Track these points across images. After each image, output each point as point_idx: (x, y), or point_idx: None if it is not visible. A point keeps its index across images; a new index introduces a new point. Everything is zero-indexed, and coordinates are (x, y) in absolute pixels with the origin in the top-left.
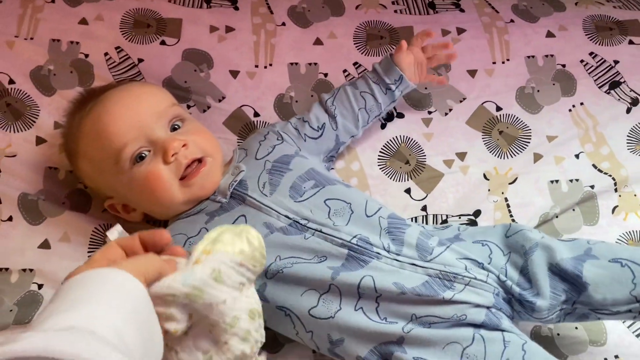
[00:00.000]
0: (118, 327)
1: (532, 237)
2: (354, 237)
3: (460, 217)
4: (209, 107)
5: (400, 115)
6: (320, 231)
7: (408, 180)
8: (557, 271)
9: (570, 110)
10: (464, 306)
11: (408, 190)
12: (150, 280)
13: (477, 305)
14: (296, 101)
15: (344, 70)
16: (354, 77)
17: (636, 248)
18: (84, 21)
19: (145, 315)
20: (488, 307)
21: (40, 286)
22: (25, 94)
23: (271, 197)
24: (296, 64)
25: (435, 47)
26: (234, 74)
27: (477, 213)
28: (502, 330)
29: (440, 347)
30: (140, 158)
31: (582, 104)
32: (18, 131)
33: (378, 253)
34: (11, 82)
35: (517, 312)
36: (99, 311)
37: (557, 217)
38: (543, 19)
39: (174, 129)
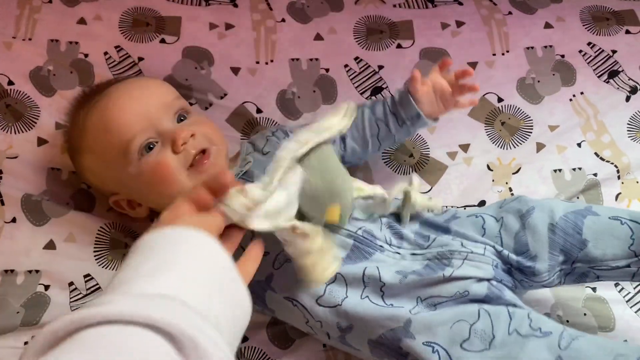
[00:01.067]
0: (205, 298)
1: (528, 200)
2: (360, 228)
3: (465, 209)
4: (211, 105)
5: None
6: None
7: (412, 173)
8: (557, 230)
9: (570, 99)
10: (465, 282)
11: None
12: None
13: (479, 280)
14: (298, 97)
15: (345, 65)
16: (355, 72)
17: (636, 210)
18: (82, 21)
19: (228, 282)
20: (489, 280)
21: (47, 287)
22: (25, 94)
23: None
24: (297, 59)
25: (456, 74)
26: (235, 70)
27: (482, 204)
28: (506, 305)
29: (448, 327)
30: (148, 149)
31: (582, 93)
32: (19, 132)
33: (381, 246)
34: (10, 83)
35: (519, 281)
36: (185, 279)
37: None
38: (540, 10)
39: (179, 120)
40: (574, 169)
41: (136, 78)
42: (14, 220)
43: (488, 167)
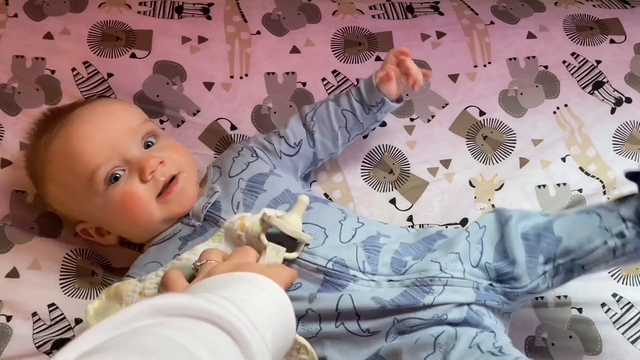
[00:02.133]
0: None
1: (509, 210)
2: (330, 260)
3: (447, 227)
4: (183, 122)
5: (383, 124)
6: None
7: (393, 190)
8: (530, 235)
9: (554, 112)
10: (445, 307)
11: (393, 201)
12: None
13: (459, 305)
14: (274, 112)
15: (323, 79)
16: (333, 85)
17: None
18: (49, 36)
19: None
20: (469, 304)
21: (9, 318)
22: None
23: None
24: (273, 73)
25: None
26: (209, 85)
27: (464, 222)
28: (482, 329)
29: (413, 341)
30: (114, 178)
31: (566, 105)
32: None
33: (354, 276)
34: None
35: (504, 294)
36: (257, 305)
37: None
38: (523, 20)
39: (147, 145)
40: (558, 185)
41: (100, 101)
42: None
43: (470, 183)
